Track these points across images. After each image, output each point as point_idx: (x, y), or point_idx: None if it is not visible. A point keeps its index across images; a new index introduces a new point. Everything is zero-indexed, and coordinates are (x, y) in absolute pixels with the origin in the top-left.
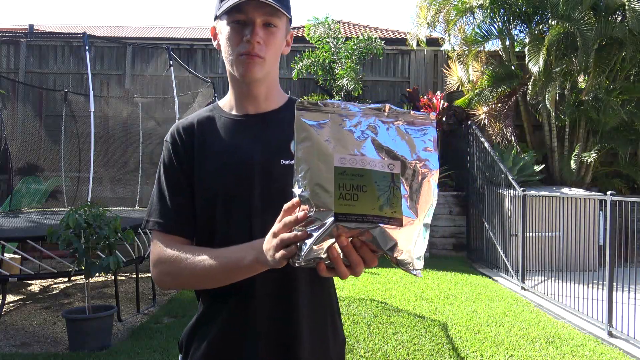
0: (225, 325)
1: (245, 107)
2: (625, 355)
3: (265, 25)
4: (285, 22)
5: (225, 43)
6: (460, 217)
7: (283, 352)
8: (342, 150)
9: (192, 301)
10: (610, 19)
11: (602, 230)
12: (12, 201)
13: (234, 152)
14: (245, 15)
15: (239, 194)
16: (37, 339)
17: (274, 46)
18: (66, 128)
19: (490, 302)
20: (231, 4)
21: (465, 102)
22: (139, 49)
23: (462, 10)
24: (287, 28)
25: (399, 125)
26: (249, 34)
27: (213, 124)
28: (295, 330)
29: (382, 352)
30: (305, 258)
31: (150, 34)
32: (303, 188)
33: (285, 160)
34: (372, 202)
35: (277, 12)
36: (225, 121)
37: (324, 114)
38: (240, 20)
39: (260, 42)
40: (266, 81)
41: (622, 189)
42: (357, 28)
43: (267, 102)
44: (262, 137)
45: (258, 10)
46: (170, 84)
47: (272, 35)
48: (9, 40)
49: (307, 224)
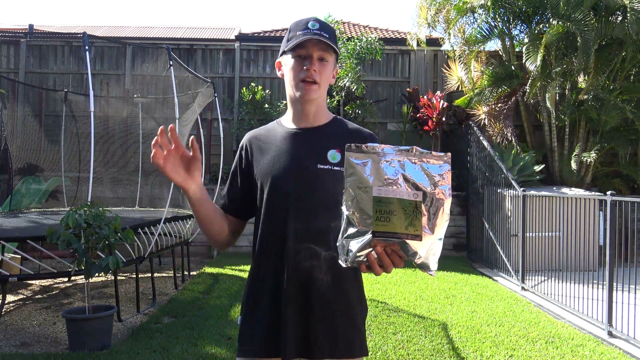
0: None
1: (298, 122)
2: (625, 355)
3: (319, 60)
4: (334, 59)
5: (290, 72)
6: (460, 217)
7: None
8: (378, 183)
9: (192, 301)
10: (610, 19)
11: (602, 230)
12: (12, 201)
13: (284, 155)
14: (306, 50)
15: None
16: (37, 339)
17: (325, 76)
18: (66, 128)
19: (490, 302)
20: (297, 42)
21: (465, 102)
22: (139, 49)
23: (462, 10)
24: (335, 64)
25: (422, 163)
26: (308, 65)
27: (273, 134)
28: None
29: (382, 352)
30: (350, 261)
31: (150, 34)
32: (349, 211)
33: (321, 165)
34: (400, 223)
35: (329, 48)
36: (283, 132)
37: (366, 155)
38: (301, 55)
39: (316, 71)
40: (316, 103)
41: (622, 189)
42: (357, 28)
43: (315, 119)
44: (306, 145)
45: (315, 47)
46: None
47: (324, 68)
48: (9, 40)
49: (352, 237)
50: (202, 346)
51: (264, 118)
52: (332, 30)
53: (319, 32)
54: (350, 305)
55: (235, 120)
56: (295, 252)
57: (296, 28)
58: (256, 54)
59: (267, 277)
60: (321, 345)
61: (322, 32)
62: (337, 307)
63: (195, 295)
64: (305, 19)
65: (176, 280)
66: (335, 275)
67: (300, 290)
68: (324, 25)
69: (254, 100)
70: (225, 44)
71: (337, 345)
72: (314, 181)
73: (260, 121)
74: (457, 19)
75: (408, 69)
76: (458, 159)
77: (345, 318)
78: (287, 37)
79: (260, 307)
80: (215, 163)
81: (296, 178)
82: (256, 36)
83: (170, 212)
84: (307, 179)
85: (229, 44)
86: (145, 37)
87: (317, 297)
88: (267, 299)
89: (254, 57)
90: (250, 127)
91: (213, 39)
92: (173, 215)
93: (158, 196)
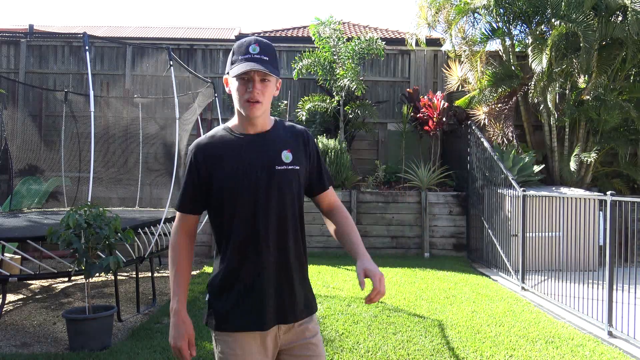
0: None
1: (248, 130)
2: (625, 355)
3: (261, 81)
4: (275, 78)
5: (235, 92)
6: (460, 217)
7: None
8: None
9: (192, 301)
10: (610, 19)
11: (602, 230)
12: (12, 201)
13: (244, 159)
14: (247, 75)
15: (244, 190)
16: (37, 339)
17: (268, 93)
18: (66, 128)
19: (490, 302)
20: (239, 72)
21: (465, 102)
22: (138, 49)
23: (463, 11)
24: (276, 80)
25: None
26: (251, 87)
27: (227, 140)
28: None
29: (382, 352)
30: None
31: (150, 34)
32: None
33: (278, 166)
34: None
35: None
36: (236, 138)
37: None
38: (244, 78)
39: (259, 93)
40: (262, 116)
41: (622, 189)
42: (357, 28)
43: (263, 126)
44: (262, 149)
45: (257, 72)
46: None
47: (266, 87)
48: (9, 40)
49: None
50: (202, 346)
51: None
52: (272, 50)
53: (259, 56)
54: (306, 278)
55: None
56: (267, 244)
57: (238, 51)
58: None
59: (243, 266)
60: (293, 311)
61: (262, 55)
62: (300, 280)
63: (195, 295)
64: (247, 42)
65: None
66: (297, 257)
67: (274, 273)
68: (264, 47)
69: None
70: (225, 44)
71: (302, 308)
72: (276, 180)
73: None
74: (457, 19)
75: (408, 69)
76: (458, 158)
77: (304, 287)
78: (230, 59)
79: (238, 289)
80: None
81: (260, 178)
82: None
83: (171, 212)
84: (270, 179)
85: (229, 44)
86: (145, 37)
87: (289, 275)
88: (244, 283)
89: None
90: None
91: (213, 39)
92: (173, 215)
93: (158, 196)
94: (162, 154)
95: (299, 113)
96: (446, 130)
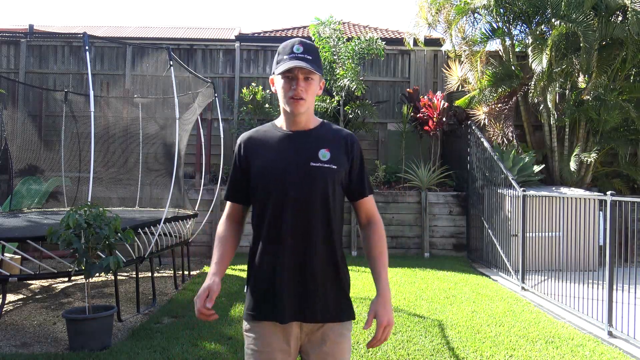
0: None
1: (291, 127)
2: (625, 355)
3: (305, 79)
4: (318, 76)
5: (280, 90)
6: (460, 217)
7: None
8: None
9: (191, 301)
10: (610, 19)
11: (602, 230)
12: (12, 201)
13: (281, 154)
14: (292, 73)
15: (276, 183)
16: (37, 339)
17: (311, 91)
18: (66, 128)
19: (490, 302)
20: (283, 69)
21: (465, 102)
22: (138, 49)
23: (463, 11)
24: (320, 79)
25: None
26: (295, 85)
27: (270, 135)
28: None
29: (382, 352)
30: None
31: (150, 34)
32: None
33: (313, 163)
34: None
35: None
36: (279, 134)
37: None
38: (289, 76)
39: (302, 90)
40: (305, 113)
41: (622, 189)
42: (357, 28)
43: (306, 124)
44: (300, 146)
45: (300, 70)
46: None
47: (310, 85)
48: (9, 40)
49: None
50: (202, 346)
51: (265, 118)
52: (316, 50)
53: (303, 55)
54: (340, 281)
55: (235, 120)
56: (290, 237)
57: (283, 51)
58: (256, 54)
59: (267, 258)
60: (313, 310)
61: (306, 54)
62: (331, 282)
63: (195, 295)
64: (291, 42)
65: (176, 280)
66: (328, 257)
67: (296, 267)
68: (308, 47)
69: (254, 100)
70: (225, 44)
71: (328, 310)
72: (308, 176)
73: (261, 121)
74: (457, 19)
75: (408, 69)
76: (458, 158)
77: (335, 291)
78: (276, 59)
79: (261, 279)
80: (215, 163)
81: (293, 173)
82: (256, 36)
83: (171, 212)
84: (302, 174)
85: (229, 44)
86: (145, 37)
87: (312, 273)
88: (265, 274)
89: (254, 57)
90: (250, 127)
91: (213, 39)
92: (173, 215)
93: (158, 196)
94: (162, 154)
95: None
96: (446, 130)
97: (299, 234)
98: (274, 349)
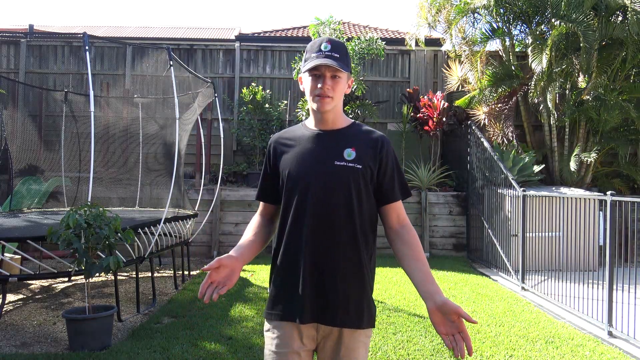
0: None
1: (320, 126)
2: (625, 355)
3: (332, 77)
4: (346, 74)
5: (308, 88)
6: (460, 217)
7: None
8: None
9: (192, 301)
10: (610, 19)
11: (602, 230)
12: (12, 201)
13: (307, 152)
14: (319, 71)
15: (299, 181)
16: (37, 339)
17: (339, 89)
18: (66, 128)
19: (490, 302)
20: (310, 66)
21: (465, 102)
22: (138, 49)
23: (463, 11)
24: (348, 77)
25: None
26: (321, 83)
27: (299, 134)
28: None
29: (382, 352)
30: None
31: (150, 34)
32: None
33: (337, 162)
34: None
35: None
36: (307, 133)
37: None
38: (316, 74)
39: (329, 88)
40: (332, 112)
41: (622, 189)
42: (357, 28)
43: (334, 124)
44: (326, 145)
45: (327, 69)
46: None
47: (337, 83)
48: (9, 40)
49: None
50: (202, 346)
51: (264, 118)
52: (344, 49)
53: (330, 53)
54: (365, 285)
55: (235, 120)
56: (311, 237)
57: (311, 50)
58: (256, 54)
59: (289, 257)
60: (333, 313)
61: (333, 52)
62: (355, 285)
63: (195, 295)
64: (319, 41)
65: (176, 280)
66: (352, 259)
67: (318, 268)
68: (336, 45)
69: (254, 100)
70: (225, 44)
71: (349, 315)
72: (331, 174)
73: (261, 121)
74: (457, 19)
75: (408, 69)
76: (458, 158)
77: (359, 295)
78: (304, 57)
79: (282, 277)
80: (215, 163)
81: (316, 171)
82: (256, 36)
83: (171, 212)
84: (325, 173)
85: (229, 44)
86: (145, 37)
87: (334, 274)
88: (286, 272)
89: (254, 57)
90: (250, 127)
91: (213, 39)
92: (173, 215)
93: (158, 196)
94: (162, 154)
95: (299, 113)
96: (446, 130)
97: (321, 234)
98: (293, 350)
